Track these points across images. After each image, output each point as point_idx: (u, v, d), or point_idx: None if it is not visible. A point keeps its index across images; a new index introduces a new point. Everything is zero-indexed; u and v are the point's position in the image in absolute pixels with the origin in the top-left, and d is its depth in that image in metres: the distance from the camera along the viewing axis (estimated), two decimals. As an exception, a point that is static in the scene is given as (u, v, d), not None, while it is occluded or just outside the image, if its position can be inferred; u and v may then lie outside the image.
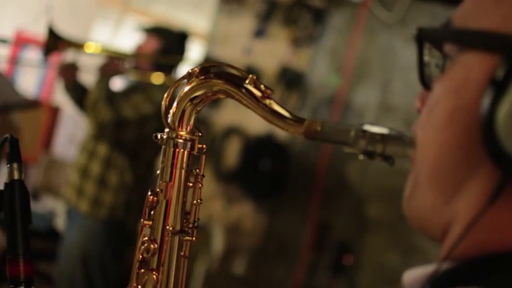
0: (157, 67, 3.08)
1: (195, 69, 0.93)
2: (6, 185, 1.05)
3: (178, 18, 4.29)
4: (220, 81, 0.91)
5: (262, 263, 3.83)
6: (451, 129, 0.60)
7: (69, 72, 3.10)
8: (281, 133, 3.73)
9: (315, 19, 3.83)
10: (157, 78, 3.05)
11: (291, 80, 3.77)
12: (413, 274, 0.64)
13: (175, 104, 0.93)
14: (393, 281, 3.41)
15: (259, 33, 4.01)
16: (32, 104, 3.64)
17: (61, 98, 4.53)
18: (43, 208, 4.29)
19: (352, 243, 3.52)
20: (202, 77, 0.92)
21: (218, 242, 3.90)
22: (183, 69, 3.26)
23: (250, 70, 3.89)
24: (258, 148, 3.77)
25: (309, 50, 3.84)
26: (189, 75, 0.93)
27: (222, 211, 3.98)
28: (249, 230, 3.92)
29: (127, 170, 3.02)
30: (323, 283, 3.55)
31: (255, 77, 0.89)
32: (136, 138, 2.97)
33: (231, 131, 3.95)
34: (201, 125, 3.94)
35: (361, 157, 0.81)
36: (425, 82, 0.70)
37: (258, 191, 3.79)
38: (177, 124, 0.94)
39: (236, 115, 3.87)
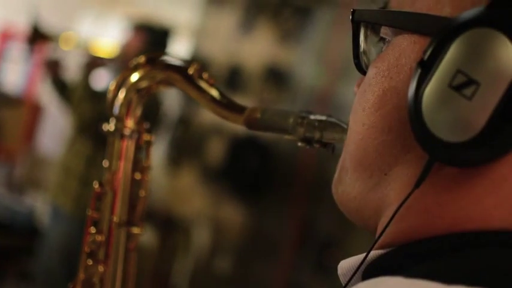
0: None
1: (142, 59, 0.92)
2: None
3: (164, 10, 4.27)
4: (165, 72, 0.90)
5: (246, 261, 3.82)
6: (380, 111, 0.58)
7: (54, 68, 3.07)
8: (262, 133, 3.72)
9: (302, 16, 3.82)
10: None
11: (277, 76, 3.76)
12: (348, 262, 0.63)
13: (121, 95, 0.92)
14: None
15: (245, 30, 4.00)
16: (13, 102, 3.63)
17: (45, 94, 4.52)
18: (23, 205, 4.27)
19: (335, 241, 3.51)
20: (149, 67, 0.92)
21: (202, 240, 3.90)
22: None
23: (235, 67, 3.88)
24: (242, 147, 3.76)
25: (295, 47, 3.83)
26: (136, 66, 0.92)
27: (206, 209, 3.97)
28: (233, 229, 3.91)
29: (111, 169, 3.01)
30: (306, 281, 3.54)
31: (198, 67, 0.88)
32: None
33: (215, 129, 3.94)
34: (186, 123, 3.94)
35: (300, 144, 0.80)
36: (361, 67, 0.69)
37: (242, 190, 3.78)
38: (123, 115, 0.93)
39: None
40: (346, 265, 0.63)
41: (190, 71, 0.88)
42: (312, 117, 0.79)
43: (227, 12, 4.10)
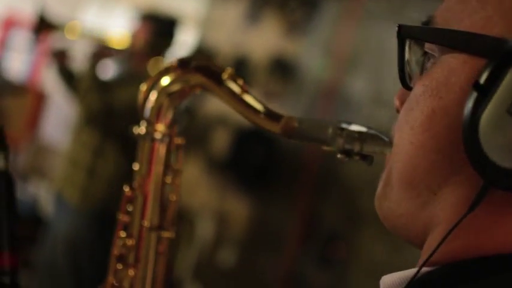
0: (149, 54, 3.05)
1: (174, 62, 0.91)
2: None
3: (169, 1, 4.25)
4: (198, 75, 0.90)
5: (251, 254, 3.83)
6: (429, 131, 0.59)
7: (61, 57, 3.05)
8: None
9: (308, 7, 3.80)
10: (150, 66, 3.02)
11: (283, 68, 3.75)
12: (391, 279, 0.63)
13: (153, 98, 0.92)
14: (381, 273, 3.42)
15: (251, 21, 3.98)
16: (17, 90, 3.61)
17: (49, 82, 4.50)
18: (27, 193, 4.26)
19: (341, 234, 3.51)
20: (181, 71, 0.91)
21: (206, 232, 3.90)
22: (173, 55, 3.24)
23: (241, 58, 3.87)
24: (248, 138, 3.75)
25: (301, 39, 3.81)
26: (167, 69, 0.92)
27: (210, 201, 3.97)
28: (237, 221, 3.91)
29: (118, 161, 2.98)
30: (311, 273, 3.55)
31: (233, 72, 0.87)
32: (127, 128, 2.93)
33: (221, 120, 3.93)
34: (190, 114, 3.93)
35: (338, 156, 0.80)
36: (405, 81, 0.69)
37: (247, 181, 3.78)
38: (154, 118, 0.92)
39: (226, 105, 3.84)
40: (389, 281, 0.63)
41: (224, 76, 0.88)
42: (352, 128, 0.79)
43: (233, 2, 4.08)
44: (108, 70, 3.19)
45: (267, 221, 3.83)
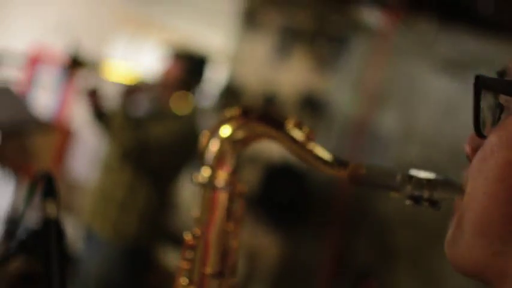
0: (181, 93, 3.08)
1: (236, 110, 0.92)
2: (42, 222, 1.03)
3: (198, 38, 4.30)
4: (261, 124, 0.90)
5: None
6: (503, 182, 0.59)
7: (93, 97, 3.05)
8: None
9: (337, 44, 3.83)
10: (180, 105, 3.05)
11: (312, 105, 3.76)
12: None
13: (215, 146, 0.92)
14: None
15: (280, 58, 4.01)
16: (47, 126, 3.64)
17: (76, 119, 4.55)
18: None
19: (372, 270, 3.48)
20: (243, 119, 0.92)
21: (238, 268, 3.87)
22: (204, 93, 3.27)
23: (270, 95, 3.88)
24: (278, 174, 3.74)
25: (330, 75, 3.83)
26: (230, 117, 0.92)
27: (241, 237, 3.94)
28: (268, 257, 3.89)
29: (150, 196, 2.99)
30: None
31: (297, 120, 0.88)
32: (160, 164, 2.94)
33: (252, 157, 3.93)
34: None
35: (407, 202, 0.80)
36: (479, 129, 0.69)
37: (278, 217, 3.77)
38: (216, 166, 0.92)
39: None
40: None
41: (289, 125, 0.88)
42: (420, 175, 0.79)
43: (262, 38, 4.11)
44: (140, 107, 3.21)
45: (298, 256, 3.80)
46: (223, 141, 0.91)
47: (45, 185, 1.05)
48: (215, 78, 3.98)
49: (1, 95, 3.14)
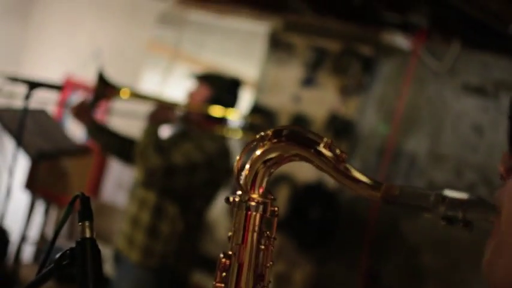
0: (208, 116, 3.06)
1: (268, 132, 0.94)
2: (78, 243, 1.06)
3: (227, 65, 4.34)
4: (294, 145, 0.92)
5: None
6: None
7: (83, 113, 3.01)
8: (331, 180, 3.70)
9: (364, 67, 3.84)
10: (210, 127, 3.05)
11: (340, 128, 3.76)
12: None
13: (247, 167, 0.94)
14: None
15: (308, 81, 4.02)
16: (83, 150, 3.69)
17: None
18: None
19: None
20: (275, 140, 0.93)
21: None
22: (234, 118, 3.25)
23: (298, 118, 3.89)
24: (307, 196, 3.73)
25: (358, 98, 3.84)
26: (262, 138, 0.94)
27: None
28: (297, 279, 3.88)
29: (178, 219, 2.98)
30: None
31: (329, 141, 0.89)
32: (186, 186, 2.91)
33: (280, 178, 3.93)
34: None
35: (442, 223, 0.80)
36: None
37: (307, 240, 3.75)
38: (249, 186, 0.94)
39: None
40: None
41: (321, 145, 0.89)
42: (454, 195, 0.79)
43: (290, 60, 4.14)
44: (166, 130, 3.22)
45: (327, 280, 3.79)
46: (256, 161, 0.93)
47: (82, 206, 1.07)
48: (244, 100, 4.01)
49: (39, 119, 3.19)
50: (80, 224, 1.05)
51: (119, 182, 4.97)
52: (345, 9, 3.65)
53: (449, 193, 0.80)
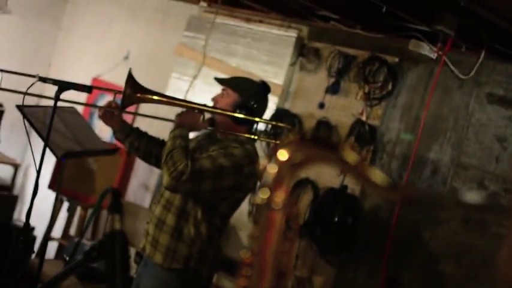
0: (236, 120, 3.04)
1: (293, 136, 0.97)
2: (107, 234, 1.10)
3: (255, 71, 4.38)
4: (318, 148, 0.95)
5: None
6: None
7: (111, 116, 3.02)
8: (354, 185, 3.71)
9: (389, 75, 3.85)
10: (235, 131, 3.04)
11: (364, 135, 3.77)
12: None
13: (272, 170, 0.97)
14: None
15: (334, 88, 4.04)
16: (110, 151, 3.74)
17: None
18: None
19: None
20: (300, 144, 0.96)
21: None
22: (261, 123, 3.25)
23: (323, 124, 3.89)
24: (330, 200, 3.73)
25: (382, 105, 3.85)
26: (288, 142, 0.97)
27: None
28: (317, 284, 3.89)
29: (202, 222, 2.97)
30: None
31: (351, 144, 0.93)
32: (212, 190, 2.90)
33: (303, 182, 3.93)
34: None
35: (457, 224, 0.84)
36: None
37: (328, 244, 3.74)
38: (274, 187, 0.97)
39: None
40: None
41: (343, 147, 0.93)
42: (472, 198, 0.82)
43: (316, 71, 4.17)
44: (194, 133, 3.22)
45: (348, 284, 3.79)
46: (281, 164, 0.96)
47: (112, 200, 1.11)
48: (270, 105, 4.03)
49: (68, 118, 3.24)
50: (111, 215, 1.09)
51: (144, 183, 5.02)
52: (372, 18, 3.66)
53: (468, 196, 0.83)
